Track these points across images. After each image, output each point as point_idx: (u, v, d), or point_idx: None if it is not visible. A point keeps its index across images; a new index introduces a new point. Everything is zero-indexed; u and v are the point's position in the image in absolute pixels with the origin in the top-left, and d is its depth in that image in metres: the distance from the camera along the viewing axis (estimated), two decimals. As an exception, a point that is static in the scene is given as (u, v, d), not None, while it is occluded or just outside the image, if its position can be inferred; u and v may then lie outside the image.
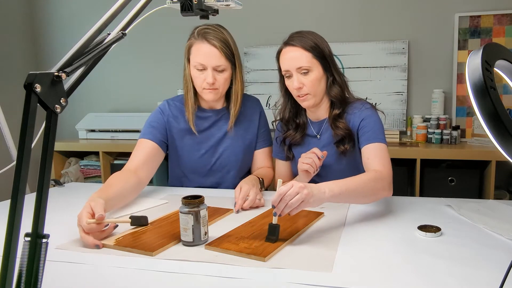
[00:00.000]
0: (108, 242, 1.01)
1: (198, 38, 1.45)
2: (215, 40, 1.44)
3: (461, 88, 2.66)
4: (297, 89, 1.39)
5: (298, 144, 1.53)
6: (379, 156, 1.33)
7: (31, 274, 0.57)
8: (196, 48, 1.46)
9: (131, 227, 1.11)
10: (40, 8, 3.37)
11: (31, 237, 0.58)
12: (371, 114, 1.42)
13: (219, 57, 1.44)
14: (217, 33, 1.45)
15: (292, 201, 0.98)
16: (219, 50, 1.44)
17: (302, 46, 1.37)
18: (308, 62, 1.36)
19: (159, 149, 1.52)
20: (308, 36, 1.39)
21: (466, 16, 2.61)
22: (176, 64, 3.11)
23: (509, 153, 0.56)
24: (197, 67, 1.46)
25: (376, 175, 1.24)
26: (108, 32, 0.71)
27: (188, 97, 1.54)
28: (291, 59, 1.38)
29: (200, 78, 1.47)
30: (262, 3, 2.92)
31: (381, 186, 1.22)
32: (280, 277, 0.82)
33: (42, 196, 0.58)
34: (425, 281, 0.80)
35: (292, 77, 1.39)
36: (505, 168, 2.46)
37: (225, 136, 1.60)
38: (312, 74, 1.38)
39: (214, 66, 1.45)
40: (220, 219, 1.22)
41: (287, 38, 1.43)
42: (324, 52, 1.40)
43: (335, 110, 1.44)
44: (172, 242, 1.00)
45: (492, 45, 0.61)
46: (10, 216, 0.55)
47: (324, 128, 1.49)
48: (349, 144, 1.42)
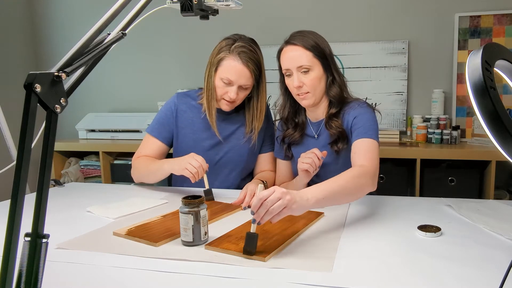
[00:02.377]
0: (121, 232, 1.08)
1: (233, 54, 1.46)
2: (249, 62, 1.46)
3: (461, 88, 2.66)
4: (297, 88, 1.39)
5: (297, 143, 1.53)
6: (365, 151, 1.31)
7: (31, 274, 0.57)
8: (228, 63, 1.46)
9: (143, 220, 1.19)
10: (40, 8, 3.37)
11: (31, 237, 0.58)
12: (364, 112, 1.41)
13: (249, 78, 1.47)
14: (252, 54, 1.47)
15: (274, 207, 0.91)
16: (250, 72, 1.46)
17: (303, 45, 1.37)
18: (308, 61, 1.37)
19: (164, 147, 1.62)
20: (309, 36, 1.40)
21: (466, 16, 2.61)
22: (176, 64, 3.12)
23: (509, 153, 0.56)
24: (223, 81, 1.48)
25: (360, 170, 1.21)
26: (108, 32, 0.71)
27: (212, 105, 1.55)
28: (292, 58, 1.39)
29: (223, 90, 1.49)
30: (262, 3, 2.92)
31: (365, 182, 1.18)
32: (280, 277, 0.82)
33: (42, 196, 0.58)
34: (425, 281, 0.80)
35: (292, 76, 1.40)
36: (505, 168, 2.46)
37: (231, 135, 1.61)
38: (312, 73, 1.38)
39: (241, 85, 1.47)
40: (229, 215, 1.25)
41: (288, 37, 1.43)
42: (325, 52, 1.40)
43: (332, 109, 1.45)
44: (176, 235, 1.04)
45: (492, 45, 0.61)
46: (10, 216, 0.55)
47: (322, 129, 1.49)
48: (343, 144, 1.42)
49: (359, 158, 1.30)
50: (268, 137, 1.68)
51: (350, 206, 1.30)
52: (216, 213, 1.24)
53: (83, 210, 1.32)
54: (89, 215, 1.28)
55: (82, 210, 1.31)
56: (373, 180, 1.22)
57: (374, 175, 1.24)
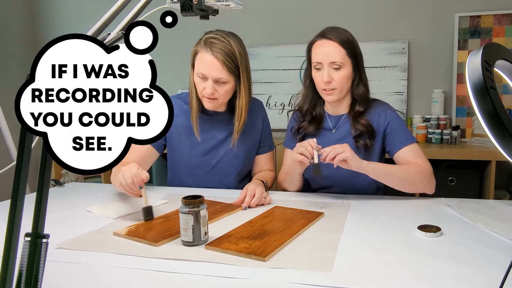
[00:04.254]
0: (121, 232, 1.08)
1: (204, 46, 1.42)
2: (219, 52, 1.39)
3: (461, 88, 2.66)
4: (325, 83, 1.40)
5: (313, 136, 1.52)
6: (416, 156, 1.41)
7: (31, 274, 0.57)
8: (199, 57, 1.43)
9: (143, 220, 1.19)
10: (40, 8, 3.37)
11: (31, 237, 0.58)
12: (395, 116, 1.48)
13: (220, 70, 1.41)
14: (224, 44, 1.40)
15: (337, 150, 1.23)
16: (221, 63, 1.40)
17: (339, 41, 1.39)
18: (342, 59, 1.39)
19: (153, 151, 1.55)
20: (343, 33, 1.42)
21: (466, 16, 2.61)
22: (176, 64, 3.11)
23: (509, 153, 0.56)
24: (198, 75, 1.45)
25: (418, 168, 1.36)
26: (108, 32, 0.71)
27: (193, 102, 1.52)
28: (326, 52, 1.40)
29: (201, 86, 1.46)
30: (262, 3, 2.91)
31: (420, 180, 1.35)
32: (280, 277, 0.82)
33: (42, 196, 0.58)
34: (425, 281, 0.80)
35: (322, 70, 1.40)
36: (505, 168, 2.46)
37: (227, 139, 1.58)
38: (343, 71, 1.40)
39: (214, 78, 1.43)
40: (229, 215, 1.24)
41: (322, 31, 1.44)
42: (357, 51, 1.43)
43: (359, 108, 1.47)
44: (176, 235, 1.04)
45: (492, 45, 0.61)
46: (10, 216, 0.55)
47: (341, 123, 1.50)
48: (370, 140, 1.46)
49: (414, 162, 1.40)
50: (264, 139, 1.66)
51: (350, 206, 1.30)
52: (216, 213, 1.24)
53: (83, 210, 1.32)
54: (89, 215, 1.28)
55: (82, 210, 1.31)
56: (430, 181, 1.37)
57: (431, 173, 1.38)
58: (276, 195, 1.48)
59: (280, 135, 2.08)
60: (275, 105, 2.97)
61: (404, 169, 1.38)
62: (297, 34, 2.85)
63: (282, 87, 2.95)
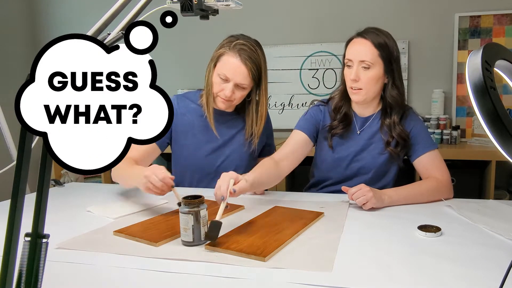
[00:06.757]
0: (121, 232, 1.08)
1: (232, 50, 1.44)
2: (248, 60, 1.43)
3: (461, 88, 2.66)
4: (352, 80, 1.40)
5: (337, 134, 1.51)
6: (436, 164, 1.43)
7: (31, 274, 0.57)
8: (226, 59, 1.45)
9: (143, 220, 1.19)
10: (40, 9, 3.37)
11: (31, 237, 0.58)
12: (418, 121, 1.49)
13: (246, 76, 1.44)
14: (252, 53, 1.45)
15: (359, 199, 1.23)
16: (248, 70, 1.44)
17: (372, 41, 1.38)
18: (372, 59, 1.38)
19: (156, 148, 1.56)
20: (381, 34, 1.41)
21: (466, 16, 2.61)
22: (176, 64, 3.12)
23: (509, 153, 0.56)
24: (220, 76, 1.46)
25: (438, 185, 1.37)
26: (108, 32, 0.71)
27: (209, 100, 1.52)
28: (357, 50, 1.40)
29: (220, 87, 1.47)
30: (262, 3, 2.91)
31: (440, 195, 1.36)
32: (280, 277, 0.82)
33: (42, 196, 0.58)
34: (425, 281, 0.80)
35: (352, 68, 1.40)
36: (505, 168, 2.46)
37: (233, 139, 1.59)
38: (371, 71, 1.39)
39: (237, 83, 1.45)
40: (229, 215, 1.24)
41: (362, 30, 1.44)
42: (392, 55, 1.41)
43: (394, 116, 1.45)
44: (176, 234, 1.04)
45: (492, 45, 0.61)
46: (10, 216, 0.55)
47: (367, 126, 1.50)
48: (402, 150, 1.46)
49: (433, 172, 1.42)
50: (269, 140, 1.68)
51: (350, 206, 1.30)
52: (216, 213, 1.24)
53: (83, 210, 1.32)
54: (89, 215, 1.28)
55: (82, 210, 1.31)
56: (448, 189, 1.39)
57: (449, 184, 1.41)
58: (276, 195, 1.48)
59: (280, 135, 2.08)
60: (275, 105, 2.97)
61: (423, 190, 1.36)
62: (297, 34, 2.86)
63: (282, 87, 2.95)
